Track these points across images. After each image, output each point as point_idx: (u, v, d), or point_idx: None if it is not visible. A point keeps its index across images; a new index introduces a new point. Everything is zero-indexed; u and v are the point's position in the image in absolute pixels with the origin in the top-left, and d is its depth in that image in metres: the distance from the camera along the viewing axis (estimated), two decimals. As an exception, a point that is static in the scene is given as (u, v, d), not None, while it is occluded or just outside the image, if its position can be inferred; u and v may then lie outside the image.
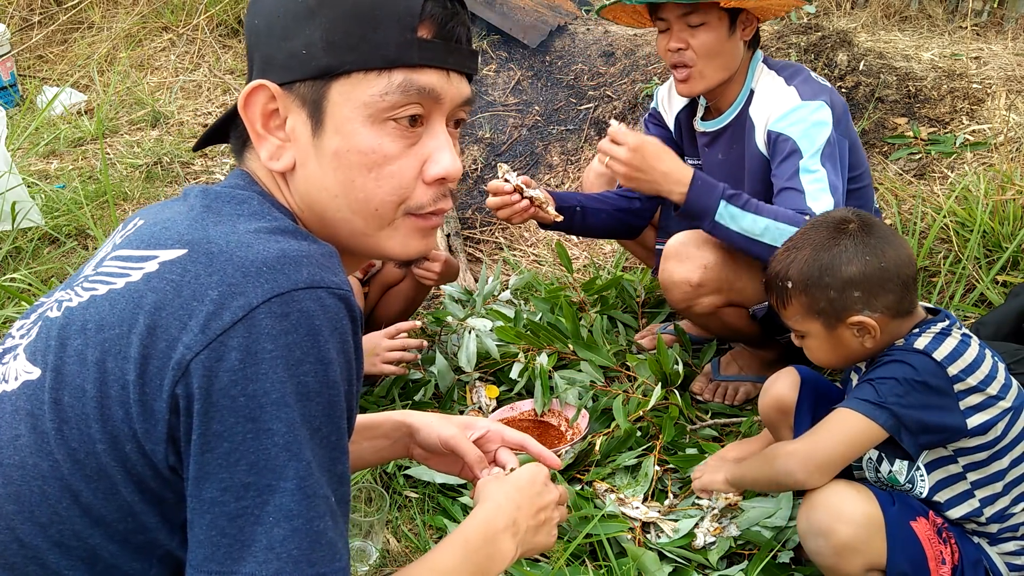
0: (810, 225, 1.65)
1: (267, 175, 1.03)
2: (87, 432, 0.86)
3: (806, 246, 1.59)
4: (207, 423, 0.83)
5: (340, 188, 0.97)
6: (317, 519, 0.86)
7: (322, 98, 0.95)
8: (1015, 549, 1.59)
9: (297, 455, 0.84)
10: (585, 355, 2.46)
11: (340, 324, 0.88)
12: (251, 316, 0.83)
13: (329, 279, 0.88)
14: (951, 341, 1.55)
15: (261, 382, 0.83)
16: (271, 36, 0.97)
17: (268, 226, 0.94)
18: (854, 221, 1.58)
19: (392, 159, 0.97)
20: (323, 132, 0.96)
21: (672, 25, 2.16)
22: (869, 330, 1.56)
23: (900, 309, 1.57)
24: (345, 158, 0.96)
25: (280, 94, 0.96)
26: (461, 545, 1.09)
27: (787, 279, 1.59)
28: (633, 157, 2.03)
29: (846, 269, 1.54)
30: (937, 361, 1.52)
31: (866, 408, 1.52)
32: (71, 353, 0.89)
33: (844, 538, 1.49)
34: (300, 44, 0.94)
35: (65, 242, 3.13)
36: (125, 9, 5.24)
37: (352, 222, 1.00)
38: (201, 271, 0.87)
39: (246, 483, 0.83)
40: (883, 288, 1.54)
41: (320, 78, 0.95)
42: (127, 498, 0.87)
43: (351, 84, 0.94)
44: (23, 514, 0.87)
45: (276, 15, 0.96)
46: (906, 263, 1.56)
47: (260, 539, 0.83)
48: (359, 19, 0.93)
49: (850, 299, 1.54)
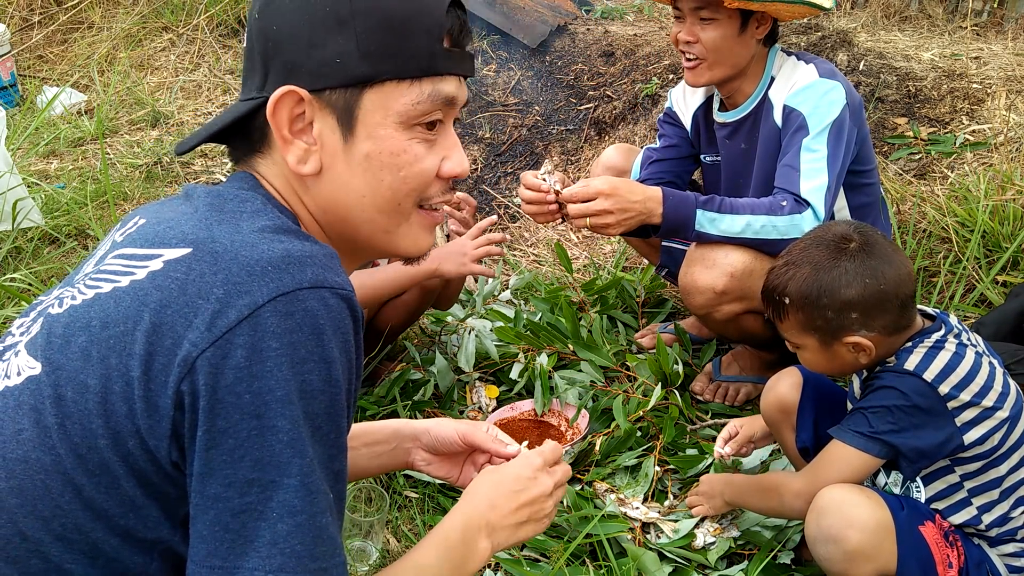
0: (811, 240, 1.62)
1: (279, 178, 1.03)
2: (89, 427, 0.87)
3: (806, 264, 1.57)
4: (212, 420, 0.84)
5: (368, 188, 1.01)
6: (320, 515, 0.87)
7: (354, 105, 0.98)
8: (1014, 551, 1.59)
9: (301, 452, 0.85)
10: (585, 355, 2.46)
11: (343, 324, 0.89)
12: (257, 314, 0.84)
13: (332, 279, 0.90)
14: (944, 355, 1.53)
15: (266, 379, 0.84)
16: (296, 43, 0.98)
17: (271, 224, 0.95)
18: (855, 240, 1.56)
19: (420, 160, 1.02)
20: (354, 137, 0.99)
21: (686, 16, 2.18)
22: (864, 349, 1.56)
23: (897, 327, 1.57)
24: (376, 160, 1.00)
25: (309, 100, 0.98)
26: (441, 543, 1.11)
27: (785, 295, 1.58)
28: (614, 202, 2.01)
29: (845, 292, 1.52)
30: (928, 382, 1.51)
31: (860, 442, 1.54)
32: (75, 349, 0.90)
33: (856, 544, 1.48)
34: (332, 53, 0.96)
35: (65, 242, 3.13)
36: (125, 9, 5.24)
37: (375, 221, 1.04)
38: (206, 269, 0.88)
39: (250, 479, 0.84)
40: (881, 309, 1.53)
41: (354, 86, 0.98)
42: (129, 492, 0.88)
43: (384, 92, 0.98)
44: (26, 508, 0.88)
45: (300, 23, 0.97)
46: (905, 282, 1.55)
47: (264, 534, 0.84)
48: (393, 30, 0.97)
49: (847, 320, 1.54)
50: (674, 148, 2.51)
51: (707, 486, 1.91)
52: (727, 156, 2.38)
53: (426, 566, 1.07)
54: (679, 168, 2.52)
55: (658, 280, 2.85)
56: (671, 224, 2.03)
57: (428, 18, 0.99)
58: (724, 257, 2.08)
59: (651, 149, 2.55)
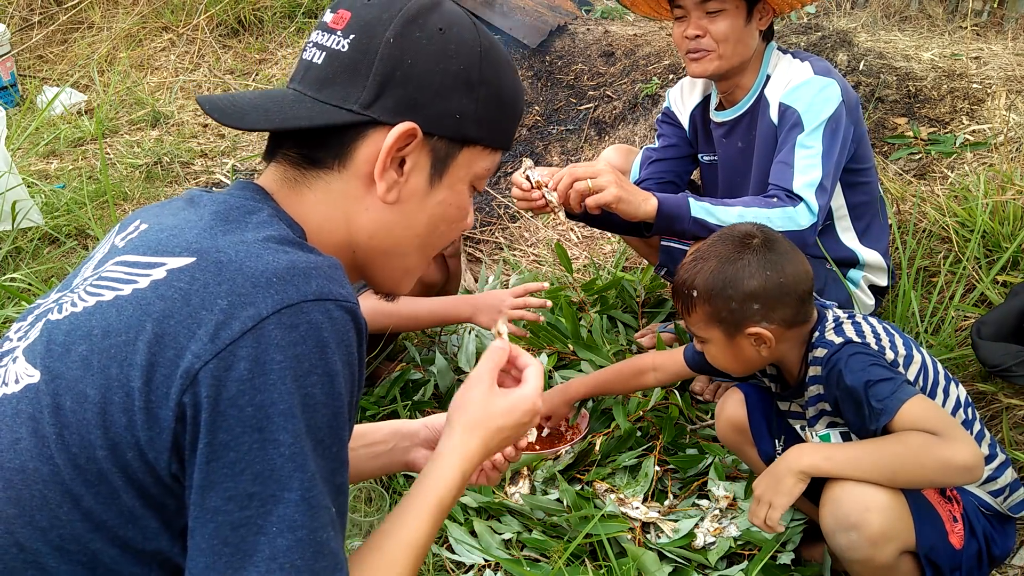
0: (717, 237, 1.70)
1: (337, 194, 1.03)
2: (87, 438, 0.86)
3: (712, 258, 1.64)
4: (214, 432, 0.83)
5: (425, 230, 1.09)
6: (320, 529, 0.86)
7: (451, 157, 1.06)
8: (988, 475, 1.63)
9: (302, 466, 0.85)
10: (585, 355, 2.46)
11: (346, 337, 0.90)
12: (260, 327, 0.84)
13: (337, 291, 0.90)
14: (848, 325, 1.65)
15: (269, 393, 0.83)
16: (426, 86, 1.02)
17: (277, 235, 0.95)
18: (758, 236, 1.65)
19: (467, 215, 1.14)
20: (440, 184, 1.07)
21: (690, 13, 2.17)
22: (765, 340, 1.62)
23: (795, 321, 1.64)
24: (445, 210, 1.09)
25: (420, 140, 1.02)
26: (428, 513, 1.05)
27: (693, 288, 1.64)
28: (617, 176, 2.00)
29: (748, 283, 1.60)
30: (862, 342, 1.60)
31: (908, 391, 1.52)
32: (75, 358, 0.89)
33: (877, 527, 1.48)
34: (455, 108, 1.03)
35: (65, 242, 3.13)
36: (125, 9, 5.24)
37: (408, 258, 1.12)
38: (210, 280, 0.87)
39: (250, 493, 0.84)
40: (781, 302, 1.61)
41: (459, 142, 1.06)
42: (128, 504, 0.87)
43: (475, 153, 1.08)
44: (23, 518, 0.87)
45: (435, 70, 1.02)
46: (803, 278, 1.63)
47: (263, 549, 0.84)
48: (502, 106, 1.08)
49: (750, 311, 1.61)
50: (673, 148, 2.51)
51: (761, 486, 1.58)
52: (724, 155, 2.38)
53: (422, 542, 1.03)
54: (678, 168, 2.53)
55: (658, 280, 2.85)
56: (667, 211, 2.01)
57: (520, 105, 1.14)
58: None
59: (650, 149, 2.55)
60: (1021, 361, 2.00)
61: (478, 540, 1.87)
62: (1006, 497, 1.65)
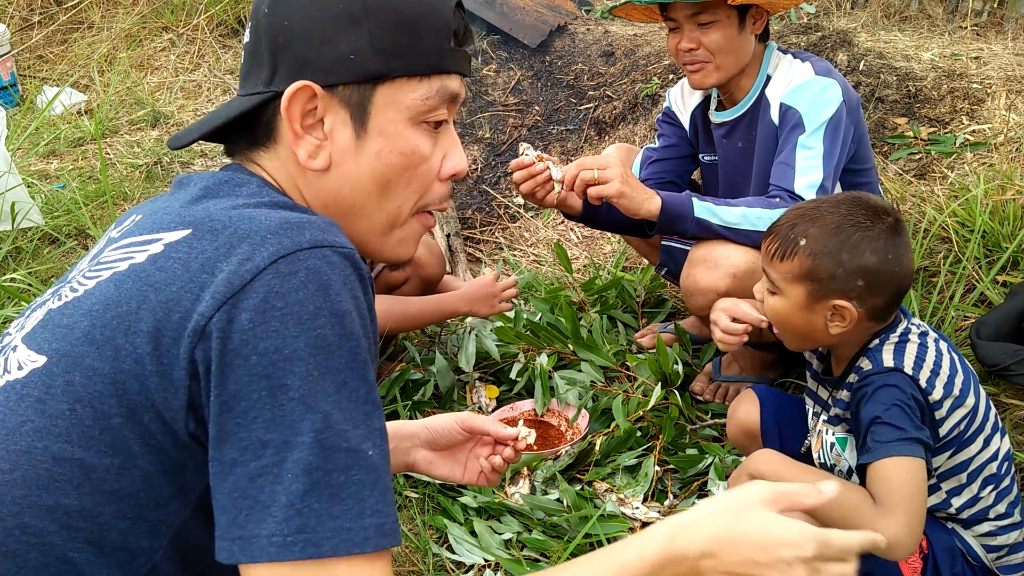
0: (849, 198, 1.57)
1: (281, 172, 1.04)
2: (100, 408, 0.87)
3: (834, 215, 1.52)
4: (223, 384, 0.84)
5: (375, 186, 1.03)
6: (337, 472, 0.85)
7: (367, 101, 1.00)
8: (990, 530, 1.58)
9: (312, 407, 0.84)
10: (585, 355, 2.46)
11: (349, 279, 0.89)
12: (259, 278, 0.85)
13: (332, 239, 0.90)
14: (911, 348, 1.53)
15: (272, 339, 0.84)
16: (308, 39, 0.99)
17: (268, 200, 0.97)
18: (892, 216, 1.54)
19: (426, 159, 1.05)
20: (366, 134, 1.01)
21: (682, 25, 2.17)
22: (845, 318, 1.52)
23: (880, 315, 1.55)
24: (387, 158, 1.02)
25: (322, 95, 0.99)
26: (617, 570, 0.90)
27: (803, 236, 1.52)
28: (625, 173, 2.00)
29: (866, 257, 1.49)
30: (909, 375, 1.50)
31: (905, 448, 1.44)
32: (79, 335, 0.90)
33: None
34: (346, 49, 0.98)
35: (65, 242, 3.13)
36: (125, 9, 5.24)
37: (374, 219, 1.05)
38: (207, 246, 0.89)
39: (264, 440, 0.84)
40: (882, 290, 1.52)
41: (367, 82, 0.99)
42: (145, 469, 0.88)
43: (395, 88, 1.00)
44: (29, 498, 0.87)
45: (313, 19, 0.98)
46: (909, 278, 1.55)
47: (280, 497, 0.83)
48: (406, 28, 1.00)
49: (851, 284, 1.50)
50: (673, 148, 2.51)
51: None
52: (724, 155, 2.38)
53: None
54: (679, 168, 2.53)
55: (658, 280, 2.85)
56: (670, 210, 2.01)
57: (437, 18, 1.02)
58: (726, 258, 2.07)
59: (650, 149, 2.55)
60: (1020, 361, 2.00)
61: (478, 540, 1.87)
62: (1000, 556, 1.59)
